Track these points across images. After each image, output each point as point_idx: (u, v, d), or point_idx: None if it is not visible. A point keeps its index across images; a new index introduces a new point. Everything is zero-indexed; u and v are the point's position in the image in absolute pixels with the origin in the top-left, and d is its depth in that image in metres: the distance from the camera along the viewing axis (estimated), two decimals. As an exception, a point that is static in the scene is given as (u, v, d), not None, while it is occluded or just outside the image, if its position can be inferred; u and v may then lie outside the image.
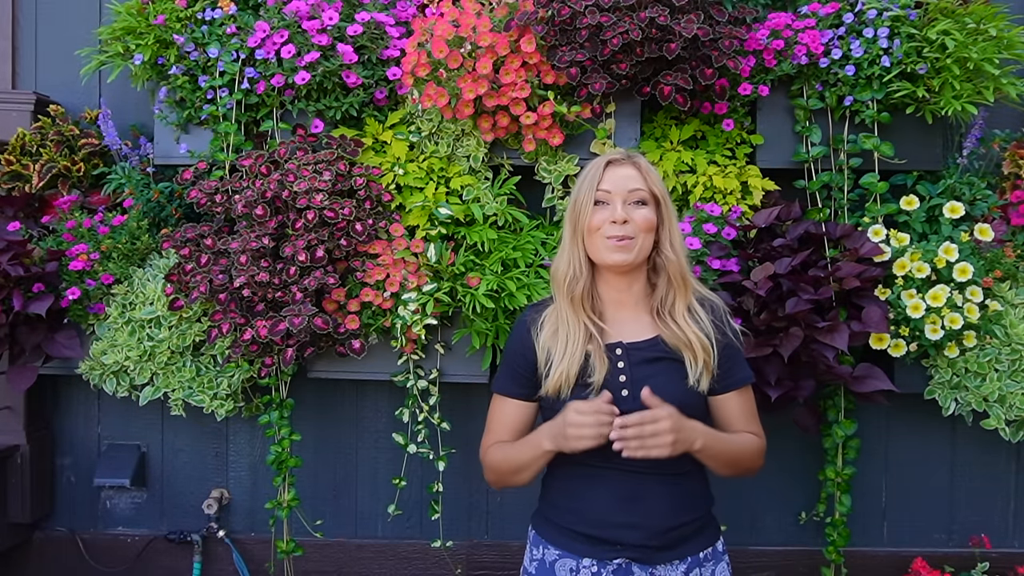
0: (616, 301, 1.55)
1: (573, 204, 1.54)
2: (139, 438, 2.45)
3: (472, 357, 2.13)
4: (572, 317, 1.51)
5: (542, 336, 1.54)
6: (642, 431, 1.33)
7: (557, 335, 1.52)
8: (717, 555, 1.54)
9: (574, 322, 1.51)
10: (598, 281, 1.55)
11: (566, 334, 1.50)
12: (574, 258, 1.53)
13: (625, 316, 1.54)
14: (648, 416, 1.34)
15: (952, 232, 2.07)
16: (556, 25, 1.99)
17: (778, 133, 2.18)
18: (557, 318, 1.53)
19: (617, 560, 1.48)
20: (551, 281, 1.58)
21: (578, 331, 1.50)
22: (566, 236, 1.55)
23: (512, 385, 1.57)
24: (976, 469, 2.37)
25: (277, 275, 2.00)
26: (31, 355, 2.13)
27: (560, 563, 1.52)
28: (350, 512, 2.45)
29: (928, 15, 2.07)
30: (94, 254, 2.12)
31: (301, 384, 2.32)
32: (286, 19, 2.11)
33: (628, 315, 1.54)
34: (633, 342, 1.51)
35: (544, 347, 1.53)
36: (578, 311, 1.52)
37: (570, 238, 1.54)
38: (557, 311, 1.54)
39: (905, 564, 2.27)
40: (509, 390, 1.58)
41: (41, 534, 2.45)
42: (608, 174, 1.51)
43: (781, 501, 2.38)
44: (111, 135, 2.25)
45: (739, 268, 2.04)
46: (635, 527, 1.47)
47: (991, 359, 2.00)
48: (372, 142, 2.18)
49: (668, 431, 1.34)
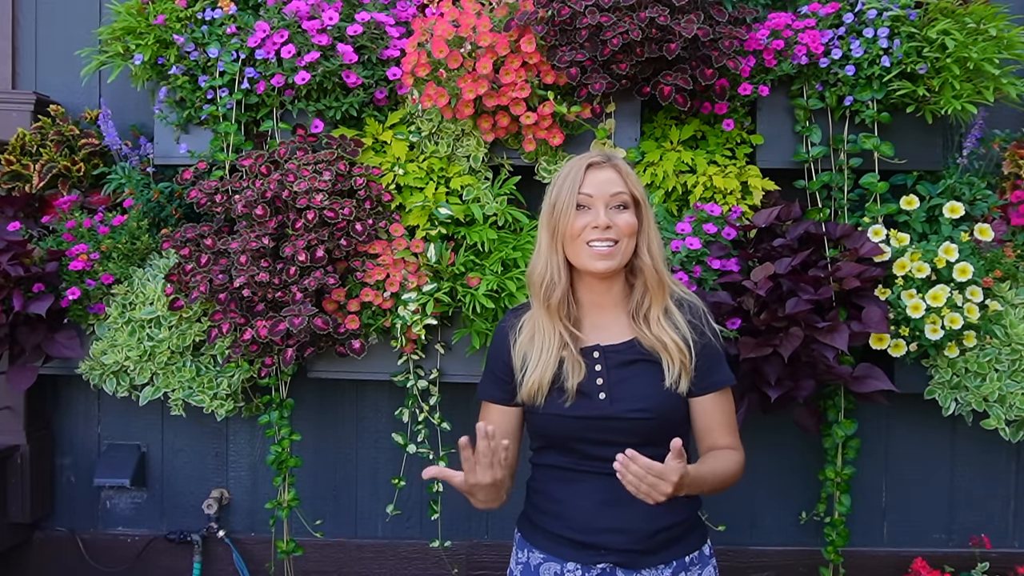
0: (595, 304, 1.53)
1: (552, 208, 1.48)
2: (139, 438, 2.45)
3: (472, 357, 2.13)
4: (547, 324, 1.49)
5: (519, 341, 1.52)
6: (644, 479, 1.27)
7: (534, 341, 1.50)
8: (704, 559, 1.53)
9: (549, 329, 1.49)
10: (577, 284, 1.52)
11: (541, 341, 1.48)
12: (552, 264, 1.48)
13: (604, 319, 1.52)
14: (656, 470, 1.26)
15: (952, 232, 2.07)
16: (556, 25, 1.99)
17: (778, 133, 2.18)
18: (534, 324, 1.51)
19: (601, 564, 1.46)
20: (527, 286, 1.55)
21: (553, 338, 1.48)
22: (543, 241, 1.50)
23: (494, 390, 1.56)
24: (976, 469, 2.37)
25: (277, 275, 2.00)
26: (31, 355, 2.13)
27: (545, 567, 1.51)
28: (350, 512, 2.45)
29: (928, 15, 2.07)
30: (94, 254, 2.12)
31: (301, 384, 2.32)
32: (286, 19, 2.11)
33: (607, 318, 1.52)
34: (610, 344, 1.49)
35: (521, 353, 1.51)
36: (554, 319, 1.49)
37: (548, 243, 1.49)
38: (534, 317, 1.52)
39: (905, 564, 2.27)
40: (492, 395, 1.56)
41: (41, 534, 2.45)
42: (589, 177, 1.47)
43: (781, 501, 2.38)
44: (111, 135, 2.25)
45: (739, 268, 2.04)
46: (619, 531, 1.45)
47: (991, 359, 2.00)
48: (372, 142, 2.18)
49: (665, 493, 1.27)
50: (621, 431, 1.43)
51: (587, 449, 1.47)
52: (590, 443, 1.46)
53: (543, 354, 1.47)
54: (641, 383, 1.46)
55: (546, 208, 1.50)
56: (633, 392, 1.45)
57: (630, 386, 1.45)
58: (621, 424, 1.44)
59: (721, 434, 1.51)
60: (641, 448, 1.33)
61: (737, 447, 1.52)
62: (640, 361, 1.48)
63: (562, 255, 1.49)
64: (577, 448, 1.47)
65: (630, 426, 1.43)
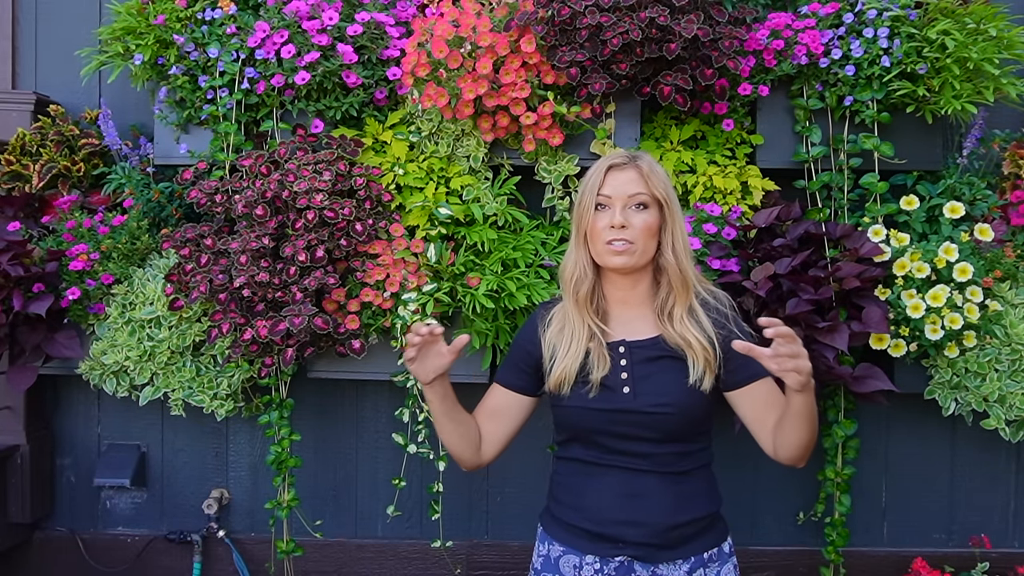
0: (621, 300, 1.57)
1: (577, 207, 1.57)
2: (139, 438, 2.45)
3: (472, 357, 2.13)
4: (576, 316, 1.55)
5: (549, 333, 1.58)
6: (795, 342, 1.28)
7: (563, 332, 1.55)
8: (723, 556, 1.54)
9: (578, 321, 1.54)
10: (603, 281, 1.58)
11: (571, 332, 1.54)
12: (579, 260, 1.56)
13: (630, 315, 1.56)
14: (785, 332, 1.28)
15: (952, 232, 2.07)
16: (556, 25, 1.99)
17: (778, 133, 2.18)
18: (564, 316, 1.57)
19: (619, 557, 1.49)
20: (559, 280, 1.62)
21: (582, 330, 1.53)
22: (572, 238, 1.58)
23: (508, 375, 1.63)
24: (976, 469, 2.37)
25: (277, 275, 2.00)
26: (31, 355, 2.13)
27: (564, 559, 1.53)
28: (350, 512, 2.45)
29: (928, 15, 2.07)
30: (94, 254, 2.12)
31: (301, 384, 2.32)
32: (286, 19, 2.11)
33: (633, 314, 1.56)
34: (636, 340, 1.53)
35: (550, 344, 1.57)
36: (582, 311, 1.55)
37: (575, 240, 1.57)
38: (564, 310, 1.58)
39: (905, 564, 2.27)
40: (506, 380, 1.63)
41: (41, 534, 2.45)
42: (609, 178, 1.53)
43: (781, 501, 2.38)
44: (111, 135, 2.25)
45: (739, 268, 2.04)
46: (637, 525, 1.48)
47: (991, 359, 2.00)
48: (372, 142, 2.18)
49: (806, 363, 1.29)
50: (643, 425, 1.47)
51: (609, 443, 1.50)
52: (612, 436, 1.49)
53: (571, 345, 1.53)
54: (665, 379, 1.49)
55: (574, 208, 1.58)
56: (657, 387, 1.48)
57: (654, 381, 1.48)
58: (643, 418, 1.47)
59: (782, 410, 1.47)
60: (663, 444, 1.43)
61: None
62: (665, 358, 1.51)
63: (587, 253, 1.55)
64: (600, 441, 1.51)
65: (652, 420, 1.46)
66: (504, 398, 1.62)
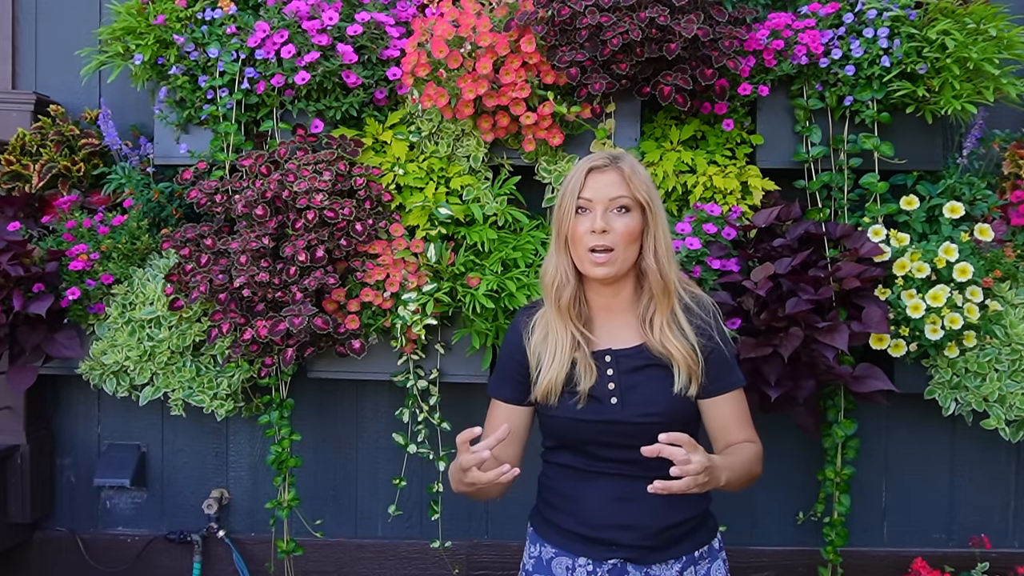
0: (604, 307, 1.53)
1: (557, 211, 1.50)
2: (139, 438, 2.45)
3: (472, 357, 2.13)
4: (560, 324, 1.50)
5: (533, 340, 1.53)
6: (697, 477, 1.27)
7: (547, 340, 1.51)
8: (713, 553, 1.54)
9: (561, 330, 1.50)
10: (586, 287, 1.53)
11: (555, 341, 1.50)
12: (560, 265, 1.50)
13: (613, 322, 1.53)
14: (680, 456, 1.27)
15: (952, 232, 2.07)
16: (556, 25, 1.99)
17: (778, 133, 2.18)
18: (547, 323, 1.52)
19: (612, 560, 1.48)
20: (540, 286, 1.57)
21: (565, 339, 1.49)
22: (552, 242, 1.53)
23: (504, 388, 1.57)
24: (976, 469, 2.37)
25: (277, 275, 2.00)
26: (31, 355, 2.13)
27: (556, 561, 1.53)
28: (350, 512, 2.45)
29: (928, 15, 2.07)
30: (94, 254, 2.12)
31: (301, 384, 2.32)
32: (286, 19, 2.11)
33: (616, 321, 1.53)
34: (621, 349, 1.50)
35: (535, 351, 1.52)
36: (565, 319, 1.50)
37: (555, 245, 1.51)
38: (546, 316, 1.53)
39: (905, 564, 2.27)
40: (501, 393, 1.58)
41: (41, 534, 2.45)
42: (589, 181, 1.47)
43: (780, 501, 2.38)
44: (111, 135, 2.25)
45: (739, 268, 2.04)
46: (629, 528, 1.47)
47: (991, 359, 2.00)
48: (372, 142, 2.18)
49: (701, 482, 1.28)
50: (632, 435, 1.44)
51: (599, 451, 1.48)
52: (601, 445, 1.48)
53: (556, 355, 1.49)
54: (652, 388, 1.47)
55: (554, 211, 1.53)
56: (643, 397, 1.46)
57: (641, 391, 1.46)
58: (632, 428, 1.45)
59: (736, 431, 1.51)
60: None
61: (754, 439, 1.53)
62: (651, 366, 1.48)
63: (568, 257, 1.50)
64: (589, 450, 1.49)
65: (640, 430, 1.44)
66: (510, 414, 1.55)
